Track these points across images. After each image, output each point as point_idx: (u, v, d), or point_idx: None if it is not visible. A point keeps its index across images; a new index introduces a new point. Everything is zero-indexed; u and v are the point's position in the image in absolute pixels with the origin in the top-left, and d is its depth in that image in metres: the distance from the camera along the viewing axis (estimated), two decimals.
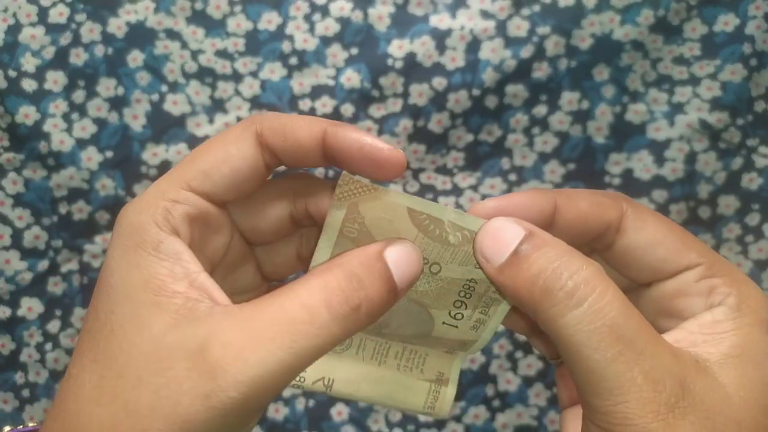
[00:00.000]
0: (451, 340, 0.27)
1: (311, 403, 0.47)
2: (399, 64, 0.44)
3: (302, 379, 0.27)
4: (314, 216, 0.27)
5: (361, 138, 0.23)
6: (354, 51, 0.45)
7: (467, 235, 0.24)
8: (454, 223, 0.24)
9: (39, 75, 0.44)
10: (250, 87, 0.45)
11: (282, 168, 0.25)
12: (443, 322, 0.26)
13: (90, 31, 0.44)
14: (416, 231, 0.24)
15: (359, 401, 0.27)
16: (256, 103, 0.45)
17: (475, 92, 0.44)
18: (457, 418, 0.47)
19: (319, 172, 0.46)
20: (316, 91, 0.45)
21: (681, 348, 0.22)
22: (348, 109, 0.45)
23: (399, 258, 0.23)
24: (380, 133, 0.45)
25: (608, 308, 0.20)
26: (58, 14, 0.44)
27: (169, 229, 0.22)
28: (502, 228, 0.23)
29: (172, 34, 0.45)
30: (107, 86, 0.45)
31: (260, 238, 0.27)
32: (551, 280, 0.21)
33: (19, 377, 0.46)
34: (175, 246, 0.22)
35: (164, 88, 0.45)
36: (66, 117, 0.45)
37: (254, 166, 0.24)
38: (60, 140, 0.45)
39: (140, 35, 0.45)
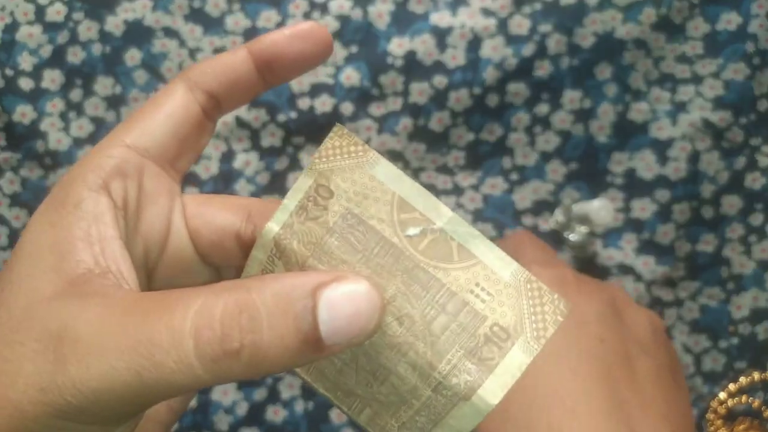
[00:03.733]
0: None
1: (310, 405, 0.46)
2: (399, 63, 0.44)
3: None
4: None
5: (281, 30, 0.22)
6: (353, 49, 0.44)
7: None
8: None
9: (36, 74, 0.44)
10: None
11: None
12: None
13: (87, 29, 0.44)
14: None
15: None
16: (254, 101, 0.45)
17: (476, 91, 0.44)
18: None
19: None
20: (316, 90, 0.44)
21: None
22: (348, 108, 0.44)
23: (339, 304, 0.17)
24: (380, 132, 0.45)
25: None
26: (56, 12, 0.44)
27: (96, 185, 0.20)
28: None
29: (170, 33, 0.44)
30: (105, 85, 0.45)
31: (203, 248, 0.24)
32: None
33: None
34: (98, 205, 0.20)
35: (162, 86, 0.45)
36: (63, 116, 0.44)
37: (191, 113, 0.22)
38: (57, 139, 0.44)
39: (138, 34, 0.44)
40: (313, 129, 0.45)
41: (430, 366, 0.17)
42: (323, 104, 0.44)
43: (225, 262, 0.23)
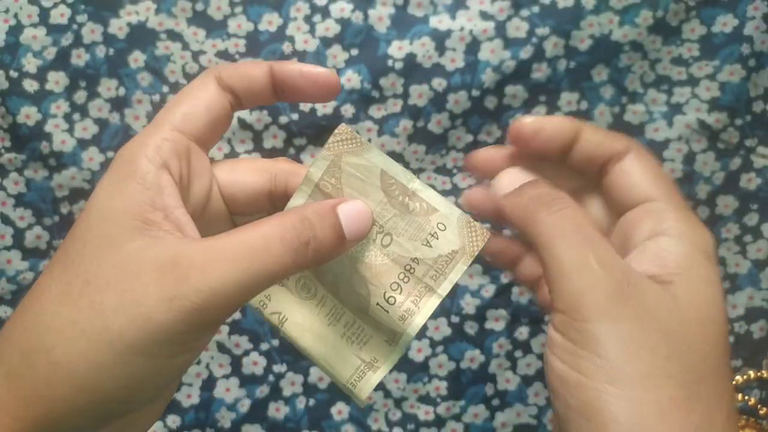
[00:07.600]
0: (384, 327, 0.29)
1: (311, 402, 0.47)
2: (399, 65, 0.44)
3: (264, 305, 0.29)
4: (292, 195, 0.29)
5: (301, 66, 0.27)
6: (354, 52, 0.45)
7: (425, 207, 0.27)
8: (416, 193, 0.27)
9: (40, 75, 0.44)
10: None
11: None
12: (377, 303, 0.28)
13: (91, 31, 0.45)
14: (382, 195, 0.27)
15: (299, 349, 0.30)
16: None
17: (475, 93, 0.45)
18: (457, 417, 0.47)
19: None
20: None
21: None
22: (348, 110, 0.45)
23: (350, 213, 0.26)
24: (380, 133, 0.45)
25: (575, 216, 0.26)
26: (60, 15, 0.45)
27: (158, 163, 0.25)
28: (514, 172, 0.29)
29: (173, 35, 0.45)
30: (108, 87, 0.45)
31: (238, 208, 0.29)
32: (539, 200, 0.27)
33: None
34: (160, 179, 0.25)
35: (165, 88, 0.45)
36: (67, 117, 0.45)
37: (222, 105, 0.27)
38: (61, 140, 0.45)
39: (141, 36, 0.45)
40: (315, 131, 0.45)
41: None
42: (324, 106, 0.45)
43: (256, 213, 0.30)
